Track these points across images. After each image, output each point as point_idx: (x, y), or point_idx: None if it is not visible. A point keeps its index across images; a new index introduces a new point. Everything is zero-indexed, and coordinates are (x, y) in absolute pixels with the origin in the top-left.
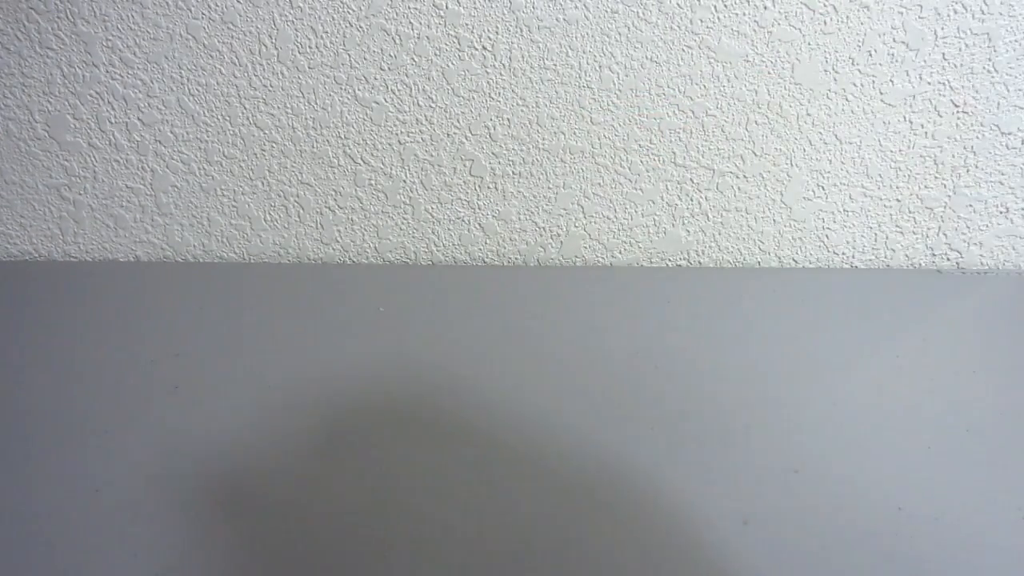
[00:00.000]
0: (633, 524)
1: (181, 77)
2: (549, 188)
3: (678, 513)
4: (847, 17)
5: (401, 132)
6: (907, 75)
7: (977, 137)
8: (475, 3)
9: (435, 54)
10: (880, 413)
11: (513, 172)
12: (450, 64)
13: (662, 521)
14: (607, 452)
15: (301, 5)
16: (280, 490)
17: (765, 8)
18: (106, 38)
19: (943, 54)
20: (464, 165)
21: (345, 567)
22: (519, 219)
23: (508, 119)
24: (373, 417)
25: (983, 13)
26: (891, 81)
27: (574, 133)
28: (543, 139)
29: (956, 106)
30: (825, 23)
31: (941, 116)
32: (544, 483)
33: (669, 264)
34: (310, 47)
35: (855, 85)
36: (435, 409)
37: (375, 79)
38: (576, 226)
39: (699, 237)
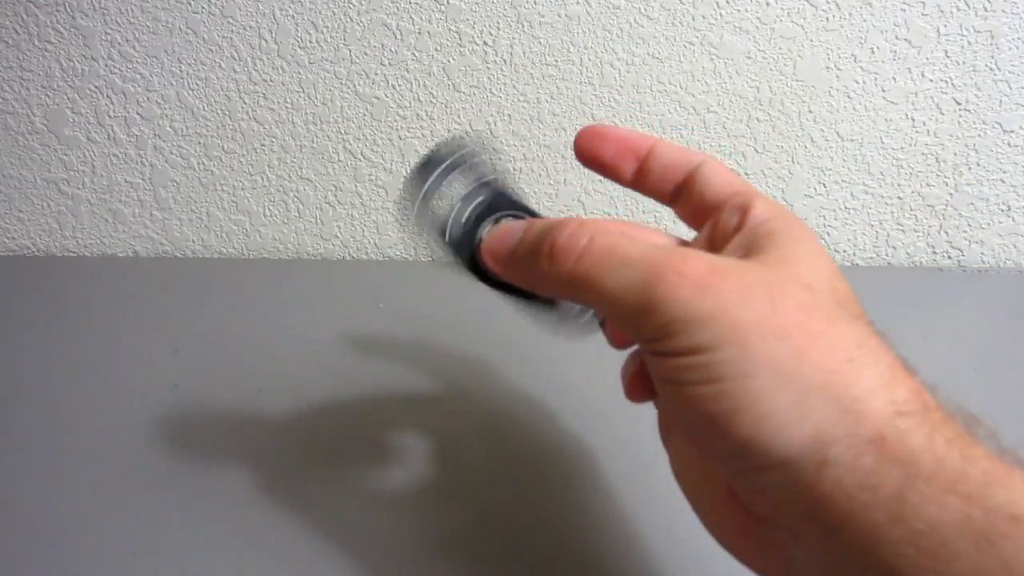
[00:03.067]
0: (633, 522)
1: (180, 71)
2: (550, 184)
3: (678, 511)
4: (849, 14)
5: (402, 127)
6: (909, 72)
7: (979, 135)
8: None
9: (436, 49)
10: None
11: (514, 168)
12: (451, 59)
13: (662, 519)
14: (608, 450)
15: None
16: (280, 487)
17: (767, 4)
18: (105, 32)
19: (946, 51)
20: None
21: (346, 565)
22: None
23: (509, 115)
24: (373, 414)
25: (986, 11)
26: (893, 78)
27: (575, 129)
28: (544, 135)
29: (958, 104)
30: (827, 20)
31: (943, 114)
32: (543, 480)
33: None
34: (310, 42)
35: (857, 82)
36: (435, 405)
37: (376, 74)
38: None
39: None
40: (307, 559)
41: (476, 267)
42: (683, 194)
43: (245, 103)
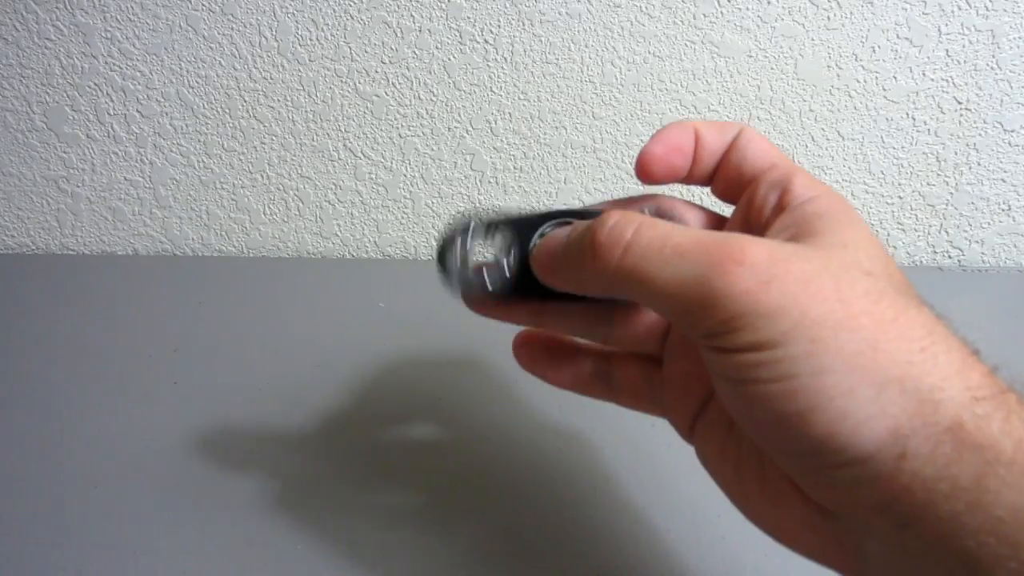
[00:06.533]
0: (633, 520)
1: (180, 69)
2: (550, 183)
3: (679, 510)
4: (851, 13)
5: (402, 126)
6: (910, 71)
7: (980, 134)
8: None
9: (437, 47)
10: None
11: (514, 167)
12: (452, 58)
13: (663, 518)
14: (608, 449)
15: None
16: (280, 486)
17: (768, 3)
18: (105, 29)
19: (947, 51)
20: (465, 159)
21: (345, 564)
22: None
23: (509, 113)
24: (372, 412)
25: (987, 10)
26: (894, 77)
27: (576, 128)
28: (545, 134)
29: (959, 103)
30: (828, 19)
31: (944, 113)
32: (543, 478)
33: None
34: (311, 39)
35: (858, 81)
36: (436, 403)
37: (376, 72)
38: None
39: None
40: (306, 557)
41: (532, 285)
42: (719, 171)
43: (245, 101)
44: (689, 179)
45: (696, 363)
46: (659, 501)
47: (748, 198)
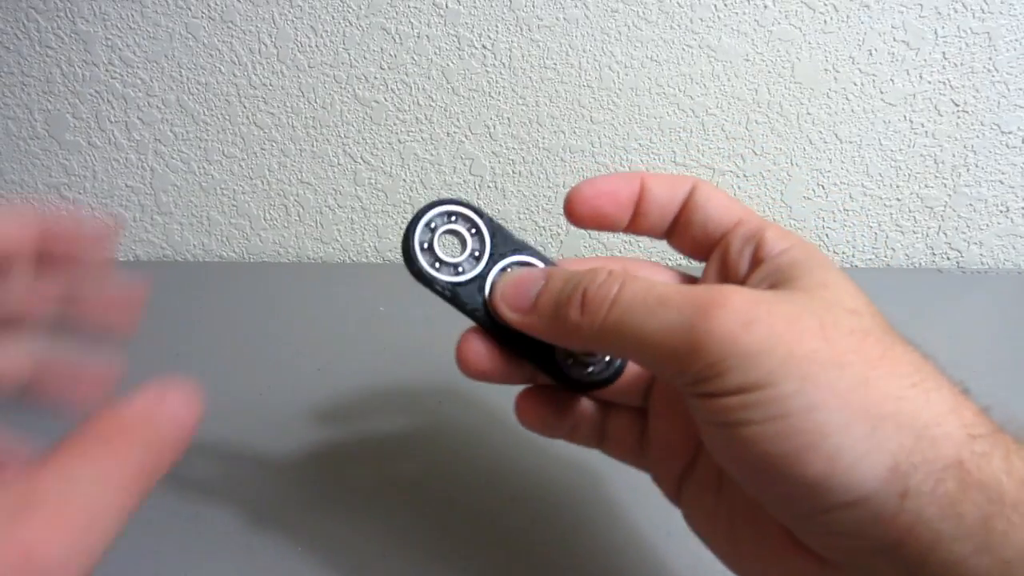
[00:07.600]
0: (634, 521)
1: (181, 76)
2: (549, 187)
3: (675, 516)
4: (847, 16)
5: (401, 131)
6: (907, 74)
7: (977, 136)
8: (475, 2)
9: (435, 53)
10: None
11: (513, 171)
12: (450, 63)
13: (663, 519)
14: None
15: (301, 4)
16: (279, 490)
17: (765, 7)
18: (106, 37)
19: (943, 53)
20: (464, 164)
21: (344, 569)
22: (519, 218)
23: (508, 118)
24: (373, 417)
25: (983, 12)
26: (891, 80)
27: (574, 132)
28: (543, 138)
29: (956, 105)
30: (825, 22)
31: (941, 115)
32: (543, 479)
33: (670, 264)
34: (310, 46)
35: (855, 84)
36: (436, 408)
37: (375, 78)
38: None
39: None
40: (305, 561)
41: (480, 314)
42: (679, 227)
43: (245, 107)
44: (635, 229)
45: (679, 425)
46: (659, 503)
47: (721, 255)
